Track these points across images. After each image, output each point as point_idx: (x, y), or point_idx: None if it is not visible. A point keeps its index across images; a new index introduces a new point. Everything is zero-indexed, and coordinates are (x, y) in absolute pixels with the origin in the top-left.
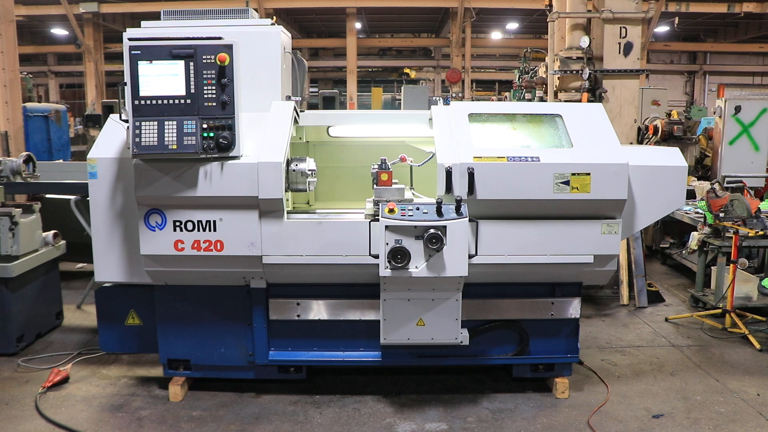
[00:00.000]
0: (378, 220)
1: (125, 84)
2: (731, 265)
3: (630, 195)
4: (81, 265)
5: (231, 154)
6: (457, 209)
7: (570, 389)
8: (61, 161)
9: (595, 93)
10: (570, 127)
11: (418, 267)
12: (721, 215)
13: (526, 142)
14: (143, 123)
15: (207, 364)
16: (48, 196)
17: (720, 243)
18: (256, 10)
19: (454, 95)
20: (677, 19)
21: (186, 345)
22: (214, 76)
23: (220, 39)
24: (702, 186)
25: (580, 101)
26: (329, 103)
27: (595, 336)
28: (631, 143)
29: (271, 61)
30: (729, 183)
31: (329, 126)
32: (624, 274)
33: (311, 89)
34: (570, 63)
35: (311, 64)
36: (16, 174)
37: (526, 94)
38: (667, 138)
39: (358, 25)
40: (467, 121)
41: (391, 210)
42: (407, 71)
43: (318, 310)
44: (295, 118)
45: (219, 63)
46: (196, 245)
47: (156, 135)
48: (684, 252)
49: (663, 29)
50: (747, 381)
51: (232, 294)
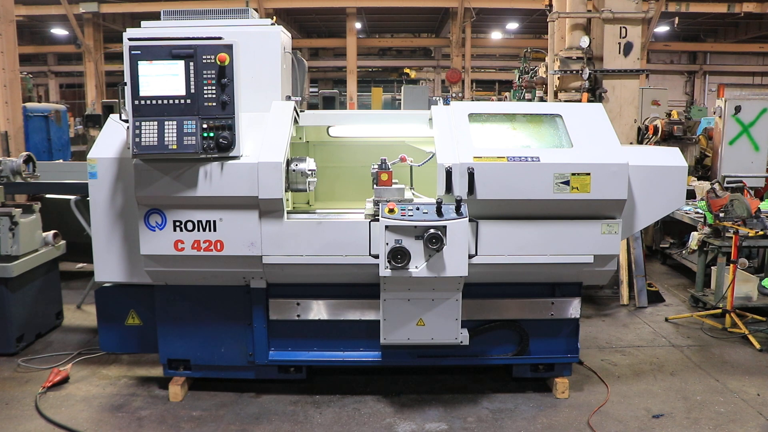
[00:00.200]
0: (378, 220)
1: (125, 84)
2: (731, 265)
3: (630, 195)
4: (81, 265)
5: (231, 154)
6: (457, 209)
7: (570, 389)
8: (61, 161)
9: (595, 93)
10: (570, 127)
11: (418, 267)
12: (721, 215)
13: (526, 142)
14: (143, 123)
15: (207, 364)
16: (48, 196)
17: (720, 243)
18: (256, 10)
19: (454, 95)
20: (677, 19)
21: (186, 345)
22: (214, 76)
23: (220, 39)
24: (702, 186)
25: (580, 101)
26: (329, 103)
27: (595, 336)
28: (631, 143)
29: (271, 61)
30: (729, 183)
31: (329, 126)
32: (624, 274)
33: (311, 89)
34: (570, 63)
35: (311, 64)
36: (16, 174)
37: (526, 94)
38: (667, 138)
39: (358, 25)
40: (467, 121)
41: (391, 210)
42: (407, 71)
43: (318, 310)
44: (295, 118)
45: (219, 63)
46: (196, 245)
47: (156, 135)
48: (684, 252)
49: (663, 29)
50: (747, 381)
51: (232, 294)
